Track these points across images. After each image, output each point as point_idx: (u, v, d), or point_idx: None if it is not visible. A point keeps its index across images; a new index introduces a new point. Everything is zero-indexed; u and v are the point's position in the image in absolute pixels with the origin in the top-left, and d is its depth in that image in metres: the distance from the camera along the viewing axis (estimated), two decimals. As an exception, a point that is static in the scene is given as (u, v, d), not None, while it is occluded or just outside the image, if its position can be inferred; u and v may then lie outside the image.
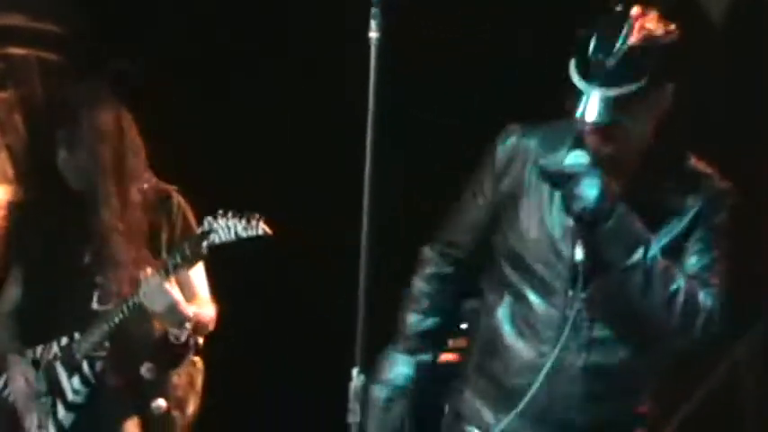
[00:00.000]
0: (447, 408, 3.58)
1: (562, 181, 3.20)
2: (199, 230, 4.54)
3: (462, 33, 5.64)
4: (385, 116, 3.32)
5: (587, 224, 3.23)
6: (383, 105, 3.31)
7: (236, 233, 4.46)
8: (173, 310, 4.53)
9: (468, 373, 3.55)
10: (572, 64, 3.21)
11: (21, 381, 4.71)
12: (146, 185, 4.85)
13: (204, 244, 4.47)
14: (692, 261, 3.31)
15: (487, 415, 3.41)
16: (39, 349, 4.66)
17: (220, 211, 4.43)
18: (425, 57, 5.20)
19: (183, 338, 4.60)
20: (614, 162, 3.29)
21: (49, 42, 5.60)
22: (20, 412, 4.68)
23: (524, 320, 3.39)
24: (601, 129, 3.18)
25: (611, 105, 3.15)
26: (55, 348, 4.64)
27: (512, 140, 3.33)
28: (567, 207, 3.22)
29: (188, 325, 4.59)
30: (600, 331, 3.34)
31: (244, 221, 4.45)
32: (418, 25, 5.05)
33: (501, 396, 3.41)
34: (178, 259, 4.53)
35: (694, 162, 3.42)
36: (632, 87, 3.13)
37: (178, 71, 5.68)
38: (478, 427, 3.44)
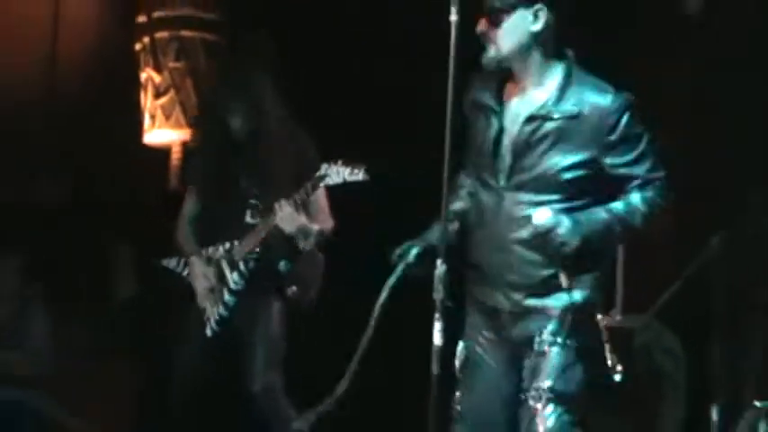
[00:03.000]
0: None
1: (545, 238, 3.64)
2: (318, 174, 5.15)
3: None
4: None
5: (574, 255, 3.67)
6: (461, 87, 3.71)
7: (343, 178, 5.17)
8: (301, 230, 5.27)
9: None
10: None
11: (200, 274, 5.44)
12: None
13: (321, 184, 5.16)
14: (624, 169, 3.74)
15: (478, 292, 3.89)
16: (210, 249, 5.45)
17: (333, 161, 5.12)
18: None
19: (308, 248, 5.31)
20: None
21: (208, 26, 6.51)
22: (197, 292, 5.43)
23: (477, 213, 3.88)
24: None
25: None
26: (221, 250, 5.42)
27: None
28: (556, 253, 3.63)
29: (312, 239, 5.31)
30: (525, 212, 3.76)
31: (349, 169, 5.13)
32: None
33: (478, 275, 3.89)
34: (303, 194, 5.20)
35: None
36: None
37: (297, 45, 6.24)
38: (479, 307, 3.86)
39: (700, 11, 6.17)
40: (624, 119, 3.68)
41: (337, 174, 5.07)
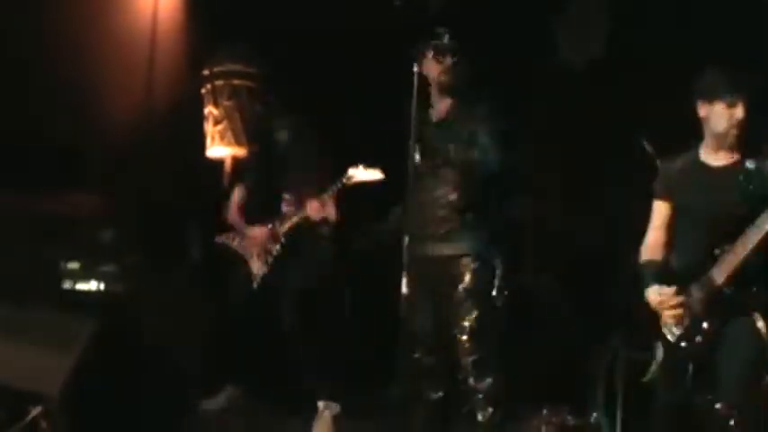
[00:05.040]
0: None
1: None
2: (347, 175, 5.78)
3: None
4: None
5: None
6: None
7: (365, 177, 5.73)
8: (324, 220, 6.07)
9: None
10: None
11: (252, 244, 6.15)
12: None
13: (349, 182, 5.76)
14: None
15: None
16: (256, 228, 6.28)
17: (357, 165, 5.77)
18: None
19: (325, 233, 6.21)
20: None
21: (251, 77, 7.35)
22: (248, 257, 6.25)
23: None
24: None
25: None
26: (265, 229, 6.19)
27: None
28: None
29: (329, 225, 6.13)
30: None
31: (370, 171, 5.73)
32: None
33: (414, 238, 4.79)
34: (334, 189, 5.87)
35: None
36: None
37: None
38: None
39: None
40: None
41: (361, 174, 5.82)
